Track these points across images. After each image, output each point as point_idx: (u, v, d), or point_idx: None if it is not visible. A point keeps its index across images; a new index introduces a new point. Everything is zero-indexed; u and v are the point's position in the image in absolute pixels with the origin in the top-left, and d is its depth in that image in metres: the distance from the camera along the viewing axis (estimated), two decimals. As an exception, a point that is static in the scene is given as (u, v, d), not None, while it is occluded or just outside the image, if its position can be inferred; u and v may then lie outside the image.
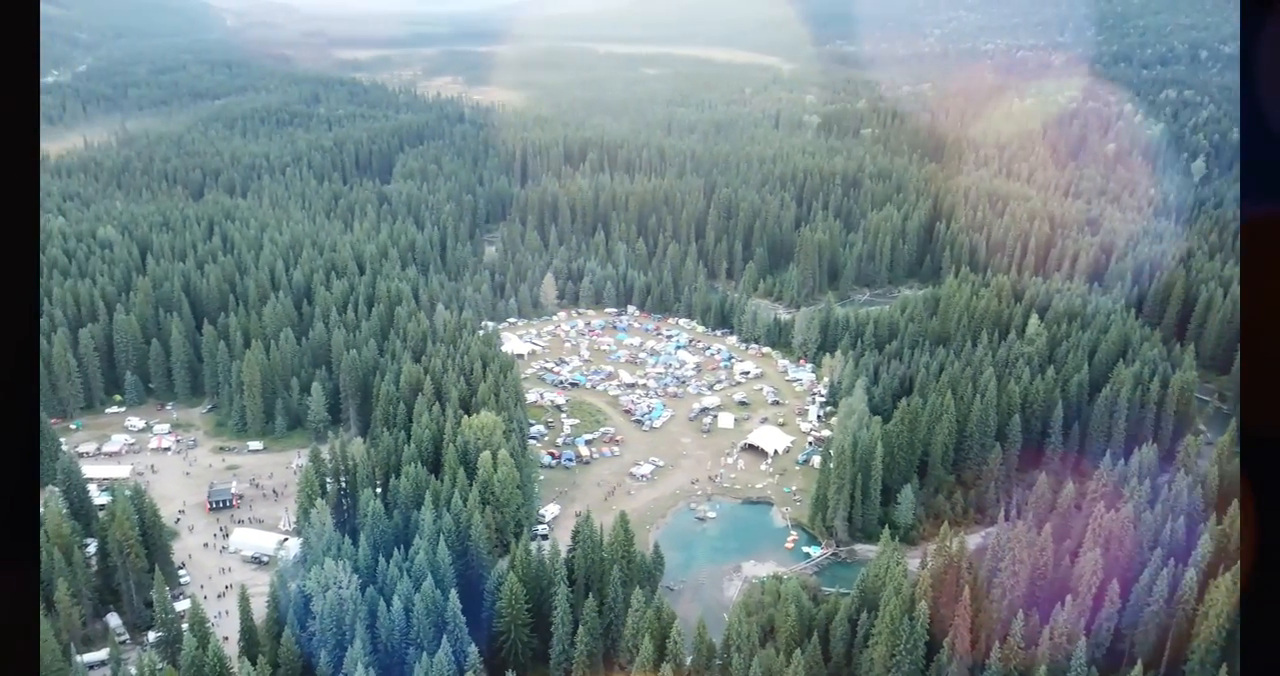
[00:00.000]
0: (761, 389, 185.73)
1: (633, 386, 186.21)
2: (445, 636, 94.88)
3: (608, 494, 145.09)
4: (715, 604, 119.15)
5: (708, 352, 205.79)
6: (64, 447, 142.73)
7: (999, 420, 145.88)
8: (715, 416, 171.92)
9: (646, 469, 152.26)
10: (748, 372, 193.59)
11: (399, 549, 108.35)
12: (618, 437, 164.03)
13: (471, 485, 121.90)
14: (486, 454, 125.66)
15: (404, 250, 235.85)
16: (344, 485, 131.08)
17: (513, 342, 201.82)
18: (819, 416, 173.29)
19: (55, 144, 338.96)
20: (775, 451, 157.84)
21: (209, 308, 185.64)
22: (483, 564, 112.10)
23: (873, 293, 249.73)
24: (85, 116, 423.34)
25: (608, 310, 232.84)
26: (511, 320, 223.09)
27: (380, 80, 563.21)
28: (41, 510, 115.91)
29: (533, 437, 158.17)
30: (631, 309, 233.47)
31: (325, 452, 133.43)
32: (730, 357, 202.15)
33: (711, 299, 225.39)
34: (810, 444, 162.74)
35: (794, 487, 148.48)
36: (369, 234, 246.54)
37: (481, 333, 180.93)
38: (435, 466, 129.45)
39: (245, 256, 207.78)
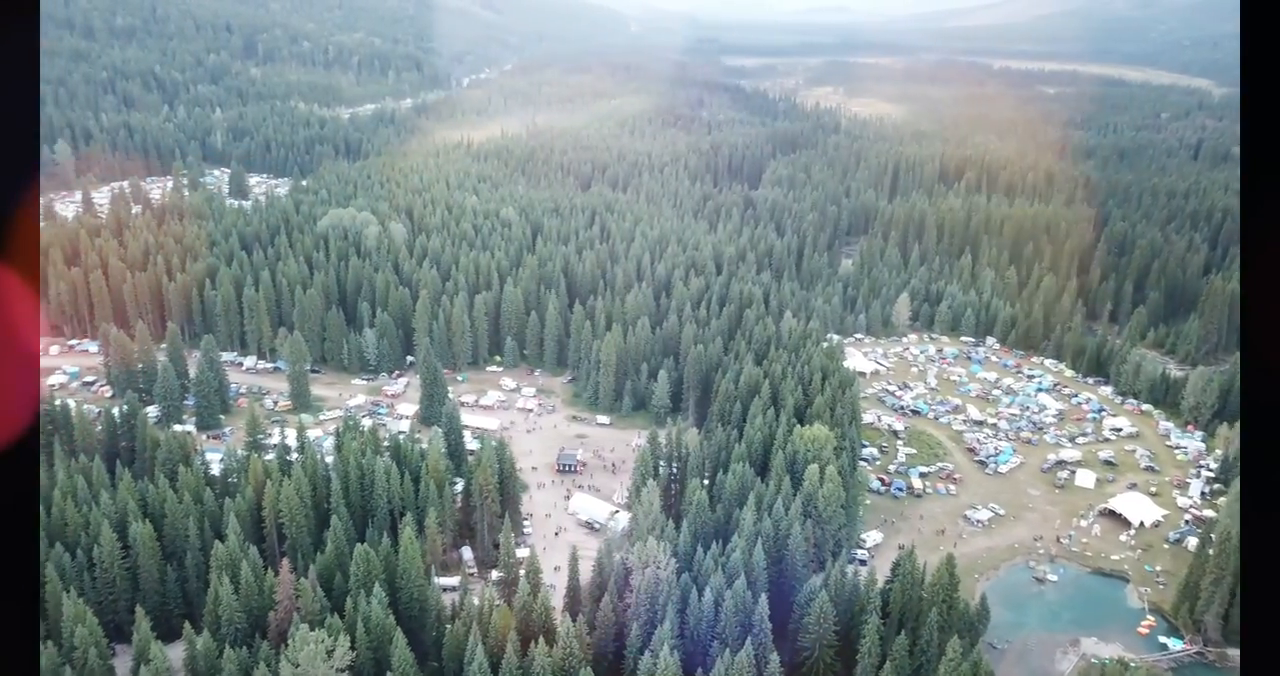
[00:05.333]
0: (1134, 450, 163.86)
1: (981, 424, 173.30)
2: (750, 638, 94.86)
3: (937, 532, 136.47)
4: (1042, 674, 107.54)
5: (1074, 401, 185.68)
6: (450, 396, 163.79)
7: None
8: (1073, 472, 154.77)
9: (984, 515, 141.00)
10: (1120, 430, 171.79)
11: (717, 542, 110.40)
12: (956, 476, 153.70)
13: (795, 495, 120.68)
14: (814, 467, 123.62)
15: (761, 255, 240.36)
16: (675, 471, 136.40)
17: (856, 359, 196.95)
18: (1203, 493, 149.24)
19: (478, 132, 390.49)
20: (1141, 523, 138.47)
21: (581, 289, 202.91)
22: (796, 575, 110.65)
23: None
24: (505, 109, 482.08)
25: (964, 339, 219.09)
26: (858, 336, 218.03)
27: (763, 88, 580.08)
28: (424, 446, 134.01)
29: (863, 459, 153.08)
30: (991, 341, 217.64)
31: (662, 437, 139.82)
32: (1101, 410, 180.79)
33: (1087, 342, 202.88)
34: (1187, 522, 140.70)
35: (1158, 568, 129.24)
36: (731, 236, 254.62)
37: (826, 344, 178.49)
38: (762, 469, 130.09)
39: (618, 246, 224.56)
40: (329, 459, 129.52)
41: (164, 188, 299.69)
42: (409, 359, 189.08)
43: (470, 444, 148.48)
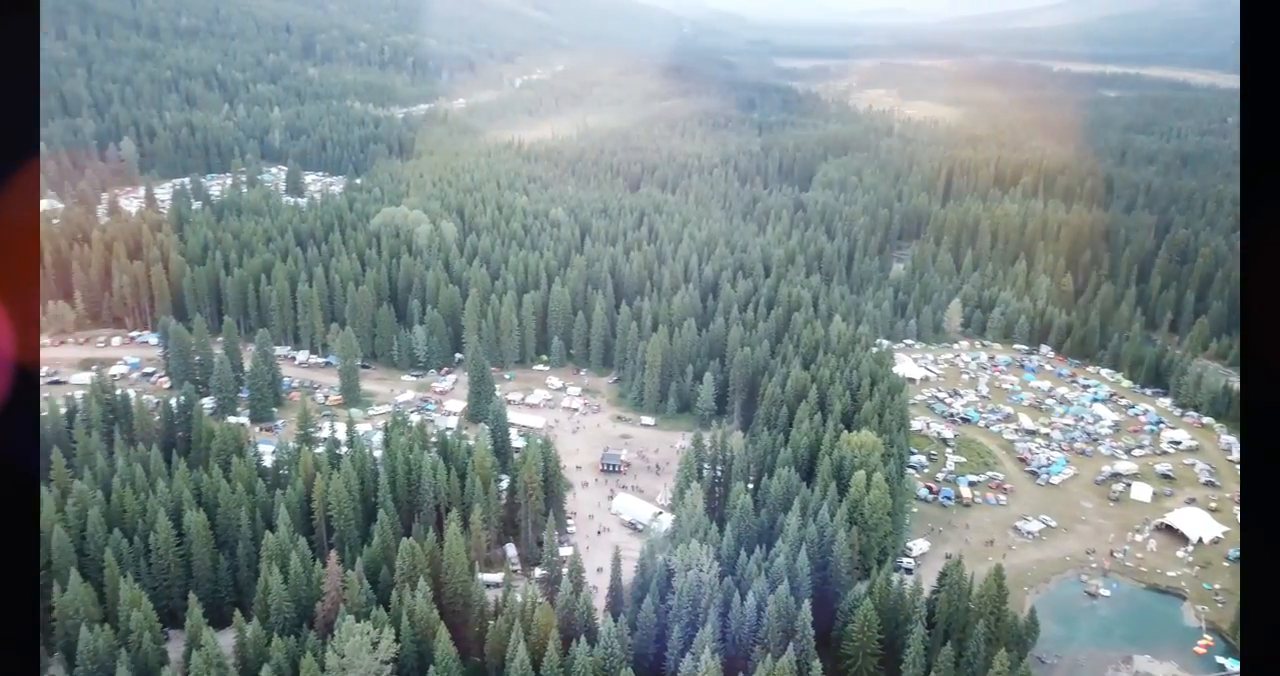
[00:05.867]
0: (1194, 464, 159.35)
1: (1033, 434, 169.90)
2: (792, 644, 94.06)
3: (986, 543, 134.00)
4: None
5: (1131, 412, 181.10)
6: (497, 394, 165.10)
7: None
8: (1128, 485, 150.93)
9: (1034, 526, 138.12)
10: (1178, 443, 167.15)
11: (761, 547, 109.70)
12: (1006, 486, 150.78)
13: (841, 501, 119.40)
14: (861, 473, 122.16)
15: (811, 258, 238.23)
16: (719, 473, 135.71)
17: (906, 365, 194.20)
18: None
19: (529, 132, 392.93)
20: (1200, 539, 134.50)
21: (628, 290, 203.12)
22: (840, 582, 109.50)
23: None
24: (556, 110, 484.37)
25: (1017, 347, 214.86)
26: (908, 342, 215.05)
27: (815, 90, 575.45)
28: (471, 442, 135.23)
29: (911, 467, 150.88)
30: (1045, 349, 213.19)
31: (707, 440, 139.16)
32: (1159, 422, 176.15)
33: (1145, 352, 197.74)
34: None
35: (1217, 586, 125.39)
36: (780, 239, 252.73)
37: (875, 350, 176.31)
38: (808, 475, 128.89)
39: (665, 247, 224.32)
40: (377, 453, 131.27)
41: (223, 184, 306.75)
42: (458, 356, 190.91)
43: (516, 441, 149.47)
